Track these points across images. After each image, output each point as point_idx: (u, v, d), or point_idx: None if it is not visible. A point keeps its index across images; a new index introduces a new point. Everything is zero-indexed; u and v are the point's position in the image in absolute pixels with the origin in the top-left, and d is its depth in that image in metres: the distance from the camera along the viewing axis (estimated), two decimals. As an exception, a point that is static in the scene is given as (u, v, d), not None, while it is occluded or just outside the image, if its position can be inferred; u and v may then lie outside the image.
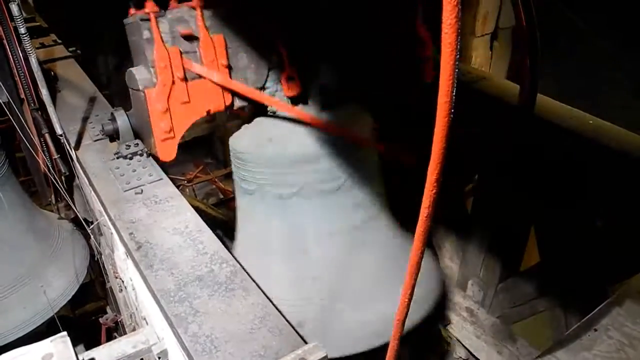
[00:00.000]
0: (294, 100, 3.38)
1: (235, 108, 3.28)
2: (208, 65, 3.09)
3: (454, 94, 1.11)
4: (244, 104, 3.29)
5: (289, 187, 3.23)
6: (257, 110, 3.45)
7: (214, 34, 3.09)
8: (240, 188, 3.51)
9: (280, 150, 3.21)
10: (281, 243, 3.41)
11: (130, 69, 3.10)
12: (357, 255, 3.37)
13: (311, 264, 3.35)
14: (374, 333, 3.09)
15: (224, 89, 3.16)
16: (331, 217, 3.33)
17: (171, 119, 3.06)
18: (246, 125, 3.50)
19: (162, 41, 2.96)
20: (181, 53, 3.01)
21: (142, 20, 2.92)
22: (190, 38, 3.06)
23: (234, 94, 3.22)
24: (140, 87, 3.01)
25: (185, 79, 3.05)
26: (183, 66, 3.02)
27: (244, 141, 3.41)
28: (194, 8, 3.04)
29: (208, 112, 3.17)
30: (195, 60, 3.07)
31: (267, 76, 3.30)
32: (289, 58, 3.25)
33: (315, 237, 3.36)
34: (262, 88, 3.32)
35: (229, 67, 3.17)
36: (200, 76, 3.09)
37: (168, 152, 3.17)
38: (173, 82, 3.01)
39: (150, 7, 2.93)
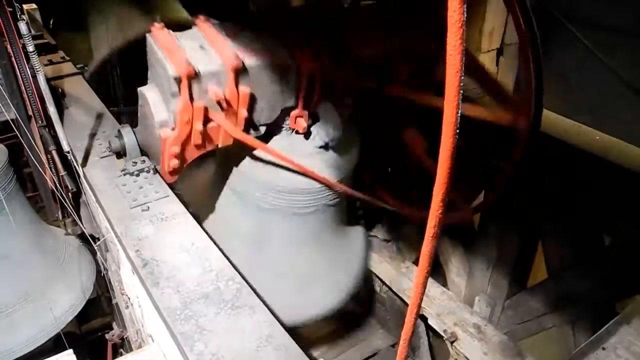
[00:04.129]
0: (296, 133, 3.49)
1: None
2: (228, 116, 3.03)
3: (459, 115, 1.11)
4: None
5: (270, 204, 3.56)
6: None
7: (242, 87, 2.98)
8: (229, 187, 3.76)
9: (271, 179, 3.49)
10: (249, 239, 3.82)
11: (144, 90, 3.07)
12: (307, 255, 3.94)
13: (268, 258, 3.85)
14: (304, 311, 3.93)
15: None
16: (297, 232, 3.80)
17: (182, 158, 3.10)
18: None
19: (191, 99, 2.88)
20: (206, 109, 2.95)
21: (155, 47, 2.90)
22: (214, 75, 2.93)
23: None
24: (157, 127, 2.98)
25: (204, 128, 3.00)
26: (205, 116, 2.97)
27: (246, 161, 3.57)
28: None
29: (216, 145, 3.19)
30: (216, 107, 3.01)
31: (279, 114, 3.35)
32: (304, 103, 3.31)
33: (278, 242, 3.82)
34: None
35: (247, 117, 3.10)
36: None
37: (173, 177, 3.24)
38: (190, 133, 3.00)
39: (185, 69, 2.77)
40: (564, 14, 5.56)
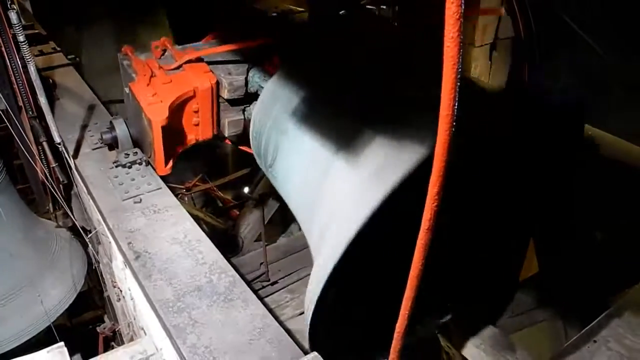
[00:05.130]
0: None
1: (227, 91, 3.25)
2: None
3: (455, 107, 1.11)
4: (233, 79, 3.26)
5: None
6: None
7: None
8: None
9: None
10: None
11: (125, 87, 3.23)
12: None
13: None
14: None
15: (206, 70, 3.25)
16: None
17: (155, 91, 3.11)
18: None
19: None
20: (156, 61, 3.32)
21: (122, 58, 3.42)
22: (164, 56, 3.40)
23: (217, 72, 3.28)
24: (127, 90, 3.18)
25: (164, 73, 3.23)
26: (160, 66, 3.24)
27: None
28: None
29: (196, 89, 3.16)
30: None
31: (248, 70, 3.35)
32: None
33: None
34: (246, 82, 3.34)
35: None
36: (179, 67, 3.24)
37: (157, 112, 3.07)
38: (153, 75, 3.18)
39: (126, 48, 3.43)
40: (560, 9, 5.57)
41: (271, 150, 3.12)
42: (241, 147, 3.53)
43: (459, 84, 1.08)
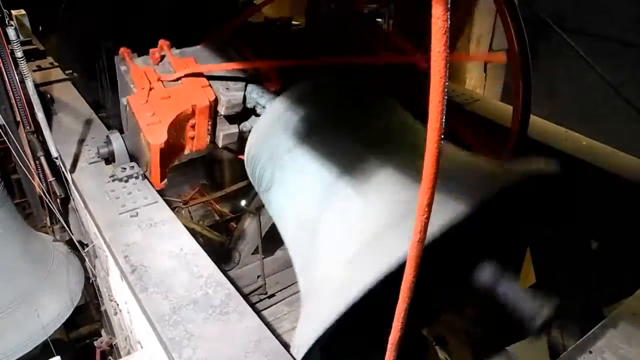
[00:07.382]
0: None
1: (224, 108, 3.27)
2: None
3: (443, 120, 1.12)
4: (231, 96, 3.26)
5: None
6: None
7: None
8: None
9: None
10: None
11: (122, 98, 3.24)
12: None
13: None
14: None
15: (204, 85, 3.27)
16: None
17: (153, 109, 3.11)
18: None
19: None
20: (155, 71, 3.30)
21: (119, 61, 3.41)
22: (162, 62, 3.41)
23: (215, 85, 3.29)
24: (124, 102, 3.20)
25: (163, 85, 3.24)
26: (159, 77, 3.25)
27: None
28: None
29: (194, 107, 3.17)
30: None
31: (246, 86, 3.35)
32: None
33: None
34: (244, 99, 3.35)
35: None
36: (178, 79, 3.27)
37: (156, 135, 3.07)
38: (151, 88, 3.17)
39: (123, 50, 3.40)
40: (554, 20, 5.61)
41: (266, 180, 3.12)
42: (240, 156, 3.54)
43: (446, 97, 1.10)
